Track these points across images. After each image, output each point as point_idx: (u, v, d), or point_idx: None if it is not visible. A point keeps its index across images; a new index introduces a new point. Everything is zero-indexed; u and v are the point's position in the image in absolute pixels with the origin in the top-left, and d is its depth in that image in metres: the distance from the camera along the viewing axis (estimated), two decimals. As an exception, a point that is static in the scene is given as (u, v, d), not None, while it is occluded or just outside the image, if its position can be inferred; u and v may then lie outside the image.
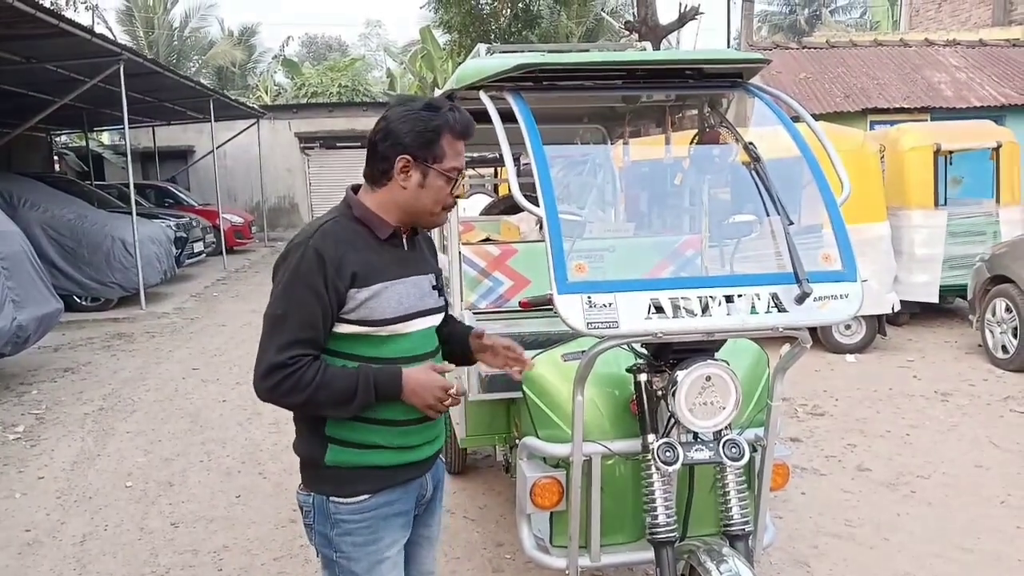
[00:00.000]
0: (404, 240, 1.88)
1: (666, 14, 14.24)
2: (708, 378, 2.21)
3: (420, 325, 1.87)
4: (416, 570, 2.05)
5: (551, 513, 2.63)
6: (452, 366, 1.91)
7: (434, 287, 1.93)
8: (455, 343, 2.08)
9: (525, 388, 2.73)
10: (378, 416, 1.79)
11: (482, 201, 8.44)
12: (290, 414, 1.86)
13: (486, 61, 2.92)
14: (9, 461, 4.88)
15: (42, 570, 3.52)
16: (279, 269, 1.79)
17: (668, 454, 2.25)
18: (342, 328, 1.77)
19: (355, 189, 1.90)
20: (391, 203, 1.83)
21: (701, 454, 2.28)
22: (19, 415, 5.82)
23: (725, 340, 2.35)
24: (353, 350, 1.79)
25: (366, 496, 1.82)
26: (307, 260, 1.72)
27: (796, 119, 2.67)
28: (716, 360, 2.24)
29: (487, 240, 4.22)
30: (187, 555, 3.62)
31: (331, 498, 1.82)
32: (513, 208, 5.43)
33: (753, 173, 2.51)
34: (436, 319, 1.94)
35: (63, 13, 8.06)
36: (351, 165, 21.15)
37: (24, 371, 7.11)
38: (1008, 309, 6.34)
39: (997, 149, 7.56)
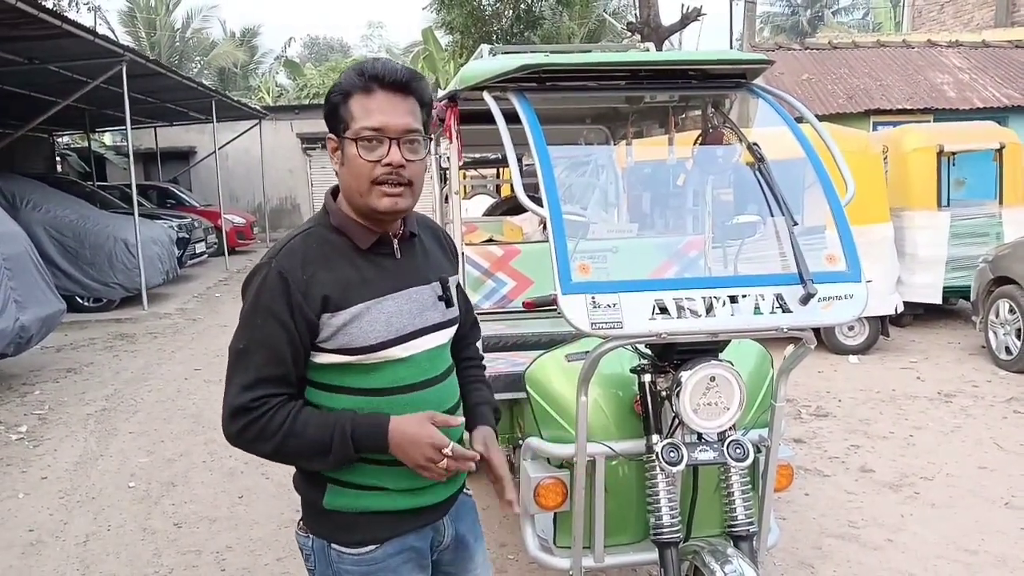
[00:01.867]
0: (396, 246, 1.58)
1: (668, 15, 14.25)
2: (712, 379, 2.20)
3: (421, 346, 1.57)
4: None
5: (555, 514, 2.63)
6: (460, 420, 1.59)
7: (440, 297, 1.62)
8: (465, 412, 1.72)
9: (529, 389, 2.73)
10: (380, 456, 1.52)
11: (485, 202, 8.44)
12: None
13: (490, 62, 2.92)
14: (12, 461, 4.89)
15: (45, 570, 3.52)
16: (244, 294, 1.53)
17: (672, 455, 2.25)
18: (321, 358, 1.51)
19: (335, 193, 1.61)
20: (345, 199, 1.57)
21: (705, 455, 2.28)
22: (22, 415, 5.82)
23: (729, 341, 2.35)
24: (339, 381, 1.53)
25: (372, 547, 1.56)
26: (269, 285, 1.46)
27: (800, 120, 2.66)
28: (720, 361, 2.23)
29: (490, 241, 4.22)
30: (190, 555, 3.62)
31: (333, 545, 1.58)
32: (516, 209, 5.43)
33: (757, 174, 2.51)
34: (444, 335, 1.63)
35: (65, 14, 8.07)
36: (353, 166, 21.15)
37: (27, 371, 7.12)
38: (1012, 310, 6.33)
39: (1000, 150, 7.56)
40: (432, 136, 1.59)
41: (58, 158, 19.43)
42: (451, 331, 1.67)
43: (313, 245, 1.53)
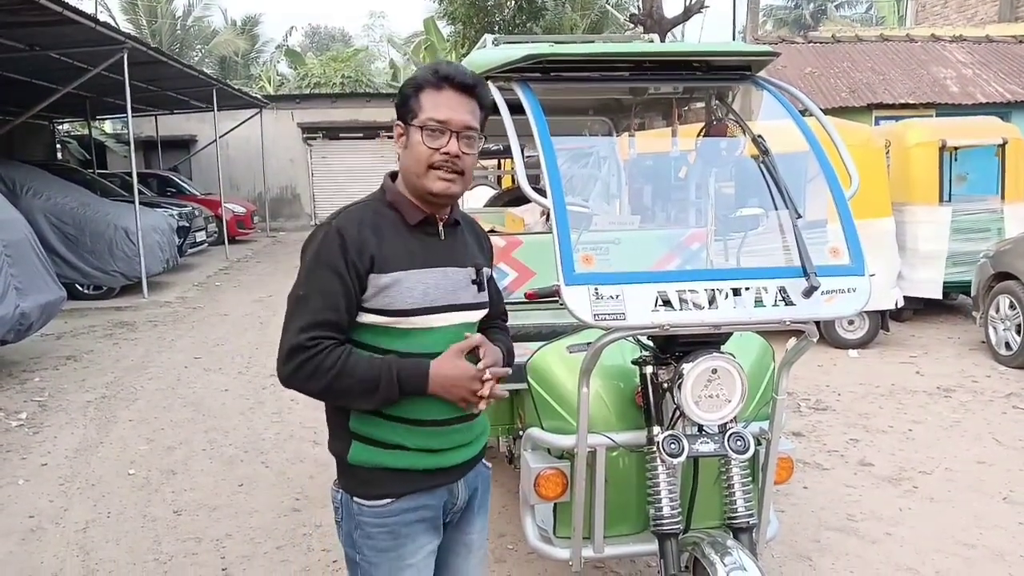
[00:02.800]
0: (440, 228, 1.77)
1: (670, 7, 14.22)
2: (714, 371, 2.20)
3: (450, 320, 1.73)
4: None
5: (555, 504, 2.64)
6: (480, 338, 1.72)
7: (474, 281, 1.79)
8: None
9: (530, 379, 2.73)
10: (402, 415, 1.70)
11: (485, 193, 8.43)
12: (291, 404, 1.81)
13: (493, 52, 2.91)
14: (12, 448, 4.89)
15: (45, 556, 3.53)
16: (305, 251, 1.72)
17: (673, 446, 2.25)
18: (363, 317, 1.69)
19: (393, 176, 1.81)
20: (403, 179, 1.75)
21: (706, 447, 2.28)
22: (22, 402, 5.83)
23: (731, 333, 2.35)
24: (374, 341, 1.70)
25: (388, 500, 1.73)
26: (329, 241, 1.66)
27: (804, 112, 2.66)
28: (722, 353, 2.23)
29: (492, 232, 4.21)
30: (190, 543, 3.63)
31: (355, 498, 1.75)
32: (518, 200, 5.42)
33: (761, 166, 2.50)
34: (473, 315, 1.80)
35: (67, 1, 8.03)
36: (354, 156, 21.14)
37: (27, 358, 7.12)
38: (1012, 306, 6.33)
39: (1003, 145, 7.54)
40: (483, 135, 1.78)
41: (59, 145, 19.40)
42: (480, 313, 1.83)
43: (369, 213, 1.73)
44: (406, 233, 1.72)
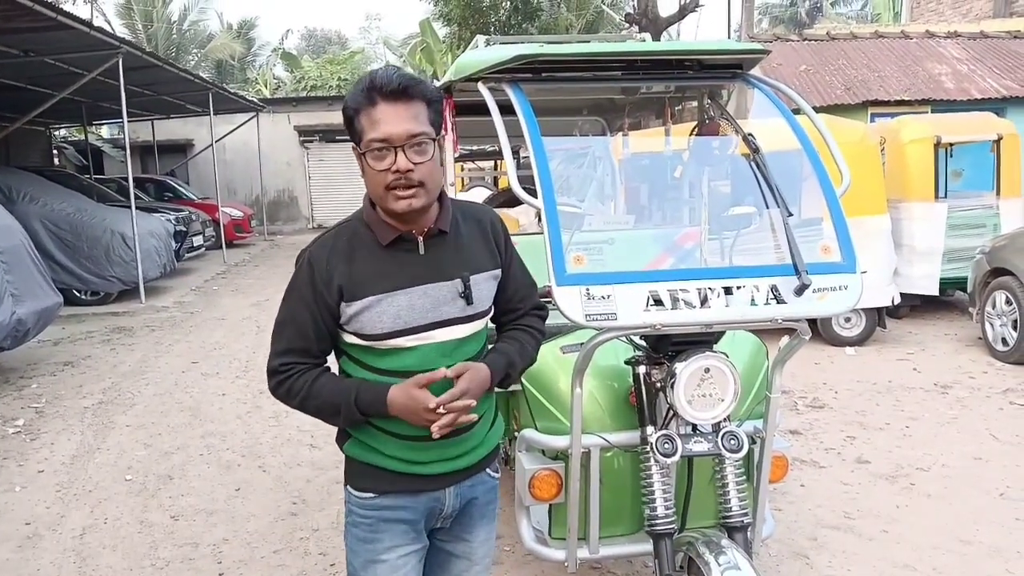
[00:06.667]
0: (420, 243, 1.70)
1: (666, 6, 14.23)
2: (707, 370, 2.20)
3: (433, 338, 1.70)
4: None
5: (550, 505, 2.63)
6: (443, 372, 1.65)
7: (462, 295, 1.71)
8: None
9: (524, 380, 2.72)
10: (383, 426, 1.74)
11: (481, 194, 8.42)
12: (287, 408, 1.84)
13: (484, 52, 2.90)
14: (9, 455, 4.89)
15: (42, 563, 3.52)
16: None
17: (667, 446, 2.25)
18: (346, 337, 1.75)
19: None
20: None
21: (700, 446, 2.28)
22: (19, 409, 5.82)
23: (724, 332, 2.34)
24: (360, 357, 1.75)
25: (371, 495, 1.80)
26: (301, 271, 1.73)
27: (796, 111, 2.66)
28: (715, 352, 2.23)
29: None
30: (187, 548, 3.62)
31: (347, 486, 1.85)
32: (512, 201, 5.41)
33: (752, 165, 2.50)
34: (461, 330, 1.73)
35: (61, 6, 8.04)
36: (350, 159, 20.91)
37: (24, 365, 7.11)
38: (1008, 301, 6.33)
39: (998, 141, 7.54)
40: (443, 133, 1.70)
41: (55, 151, 19.37)
42: (472, 326, 1.77)
43: (343, 239, 1.73)
44: (380, 254, 1.70)
